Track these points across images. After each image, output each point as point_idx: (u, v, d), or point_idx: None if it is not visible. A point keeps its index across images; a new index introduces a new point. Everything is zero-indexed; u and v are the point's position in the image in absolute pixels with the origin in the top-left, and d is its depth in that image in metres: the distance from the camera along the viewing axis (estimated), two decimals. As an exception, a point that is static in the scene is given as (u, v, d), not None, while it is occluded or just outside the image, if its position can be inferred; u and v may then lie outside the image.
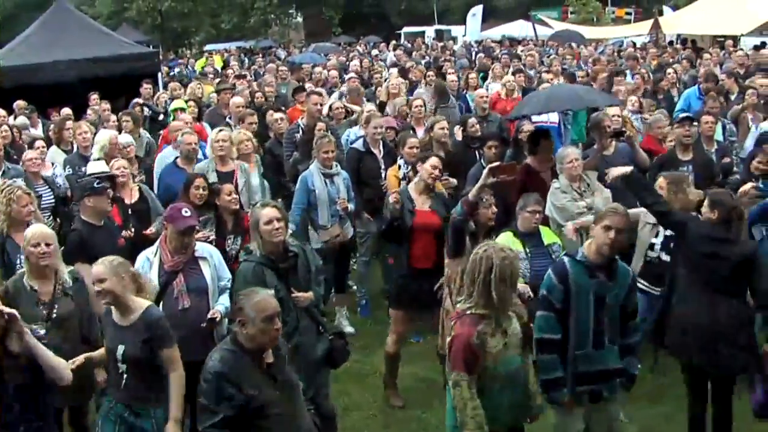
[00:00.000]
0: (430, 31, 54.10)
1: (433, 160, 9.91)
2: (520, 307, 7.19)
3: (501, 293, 6.47)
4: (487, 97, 15.35)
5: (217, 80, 23.39)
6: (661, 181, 9.64)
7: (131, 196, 11.05)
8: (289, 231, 9.23)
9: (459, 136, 13.66)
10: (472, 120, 13.66)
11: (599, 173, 11.00)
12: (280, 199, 12.08)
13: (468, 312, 6.57)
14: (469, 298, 6.60)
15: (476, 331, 6.47)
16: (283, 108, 15.96)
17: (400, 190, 10.14)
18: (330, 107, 15.02)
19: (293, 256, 8.10)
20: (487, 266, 6.46)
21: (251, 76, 24.43)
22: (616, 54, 28.45)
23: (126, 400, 7.14)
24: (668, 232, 9.44)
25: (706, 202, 8.46)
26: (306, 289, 8.11)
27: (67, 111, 16.65)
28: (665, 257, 9.64)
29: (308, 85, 19.30)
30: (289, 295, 7.88)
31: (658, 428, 9.26)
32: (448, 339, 6.72)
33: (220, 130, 12.15)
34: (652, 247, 9.82)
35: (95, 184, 9.57)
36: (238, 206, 10.32)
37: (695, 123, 12.38)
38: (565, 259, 7.37)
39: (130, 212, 10.80)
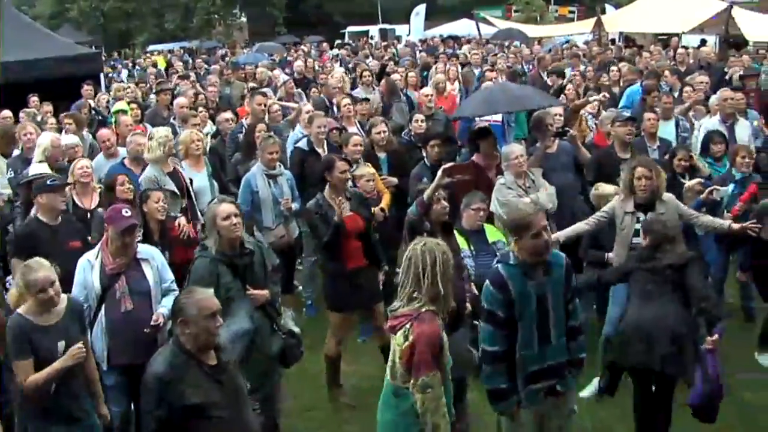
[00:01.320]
0: (374, 31, 54.11)
1: (340, 165, 9.96)
2: None
3: (446, 286, 6.40)
4: (431, 96, 15.35)
5: (158, 81, 23.27)
6: (641, 170, 9.66)
7: (92, 200, 10.87)
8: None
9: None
10: (418, 116, 13.70)
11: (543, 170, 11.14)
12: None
13: (423, 310, 6.41)
14: (417, 295, 6.43)
15: (438, 325, 6.38)
16: (229, 108, 15.91)
17: (313, 200, 10.10)
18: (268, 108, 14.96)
19: (249, 254, 8.11)
20: (432, 260, 6.38)
21: (194, 77, 24.30)
22: (561, 52, 28.57)
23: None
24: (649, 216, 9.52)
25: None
26: (262, 286, 8.12)
27: (6, 113, 16.42)
28: None
29: (251, 86, 19.26)
30: (245, 293, 7.87)
31: (611, 425, 9.33)
32: (404, 345, 6.42)
33: (192, 132, 12.25)
34: (636, 233, 9.84)
35: (49, 182, 9.50)
36: (164, 216, 10.09)
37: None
38: (499, 265, 7.19)
39: (89, 217, 10.58)
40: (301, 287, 13.01)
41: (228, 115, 14.74)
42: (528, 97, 12.70)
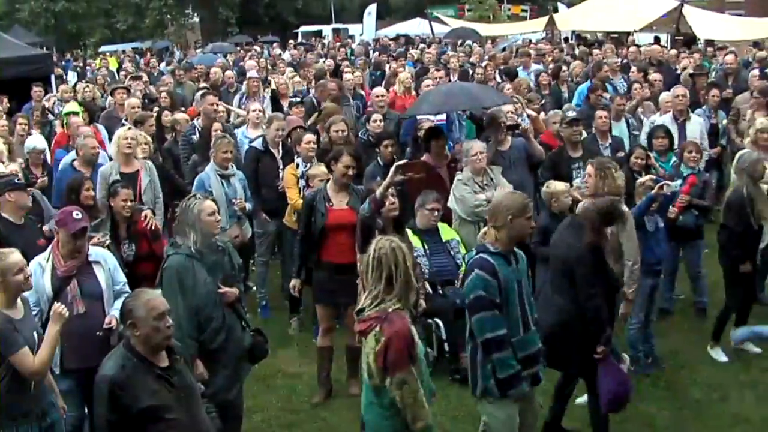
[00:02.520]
0: (327, 30, 54.12)
1: (346, 159, 9.83)
2: None
3: (410, 282, 6.37)
4: (383, 96, 15.37)
5: (112, 81, 23.13)
6: (589, 169, 9.75)
7: None
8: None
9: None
10: (376, 116, 13.69)
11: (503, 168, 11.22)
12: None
13: (389, 311, 6.34)
14: (385, 293, 6.37)
15: (409, 323, 6.36)
16: (182, 108, 15.89)
17: (316, 190, 10.09)
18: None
19: (221, 250, 8.09)
20: (402, 257, 6.36)
21: (146, 77, 24.15)
22: (515, 51, 28.68)
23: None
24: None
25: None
26: (232, 284, 8.08)
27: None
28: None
29: (203, 86, 19.18)
30: (218, 290, 7.83)
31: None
32: (378, 346, 6.31)
33: (129, 129, 12.10)
34: None
35: (15, 180, 9.52)
36: (131, 213, 10.09)
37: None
38: (484, 254, 7.23)
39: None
40: (254, 288, 12.94)
41: (182, 115, 14.74)
42: (485, 95, 12.70)
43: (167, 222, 11.56)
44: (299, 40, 47.72)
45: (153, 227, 10.24)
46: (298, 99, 16.63)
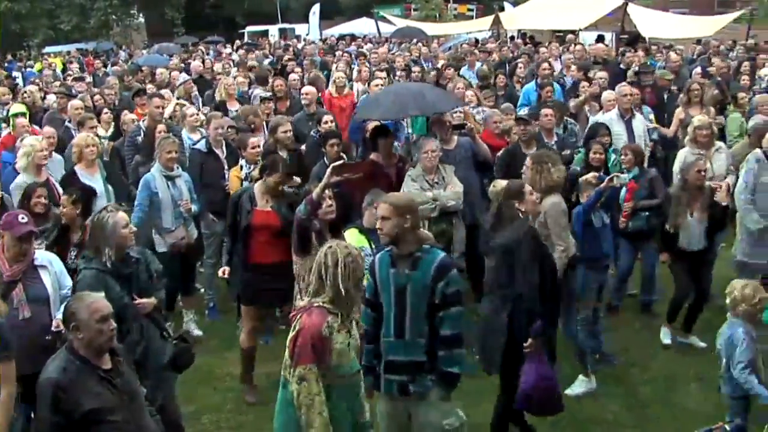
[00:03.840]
0: (274, 30, 53.97)
1: (277, 177, 9.93)
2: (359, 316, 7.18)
3: (347, 288, 6.44)
4: (310, 95, 15.25)
5: (56, 83, 22.90)
6: (527, 162, 9.83)
7: None
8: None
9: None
10: (327, 117, 13.63)
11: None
12: (123, 203, 11.90)
13: (316, 305, 6.49)
14: (318, 293, 6.53)
15: (326, 322, 6.43)
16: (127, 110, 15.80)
17: (241, 189, 10.07)
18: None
19: (135, 262, 8.03)
20: (333, 261, 6.44)
21: (90, 78, 23.99)
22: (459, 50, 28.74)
23: None
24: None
25: None
26: (149, 294, 8.03)
27: None
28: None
29: (150, 87, 19.07)
30: (133, 302, 7.79)
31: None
32: (292, 334, 6.56)
33: (88, 135, 12.08)
34: None
35: None
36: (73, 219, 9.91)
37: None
38: (379, 252, 7.40)
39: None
40: (202, 289, 12.90)
41: (131, 116, 14.75)
42: (434, 99, 12.69)
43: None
44: (246, 40, 47.56)
45: None
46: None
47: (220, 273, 10.56)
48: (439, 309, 7.05)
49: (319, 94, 16.26)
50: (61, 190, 11.06)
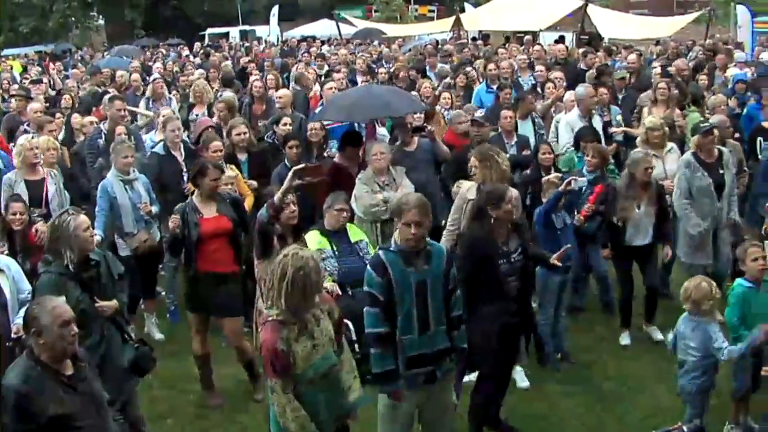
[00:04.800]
0: (234, 32, 53.84)
1: (212, 173, 9.86)
2: (331, 303, 7.09)
3: (292, 302, 6.42)
4: (283, 97, 15.26)
5: (15, 86, 22.73)
6: (472, 161, 9.85)
7: None
8: (97, 239, 9.13)
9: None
10: (286, 119, 13.62)
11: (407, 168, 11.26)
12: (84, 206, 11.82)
13: (270, 318, 6.50)
14: (272, 305, 6.53)
15: (279, 337, 6.42)
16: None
17: (182, 205, 9.98)
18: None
19: (95, 265, 7.95)
20: (282, 274, 6.41)
21: (48, 80, 23.81)
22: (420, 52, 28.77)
23: None
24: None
25: None
26: (110, 297, 7.95)
27: None
28: None
29: (110, 89, 18.96)
30: (93, 305, 7.71)
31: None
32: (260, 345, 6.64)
33: (32, 138, 11.90)
34: None
35: None
36: (22, 226, 9.96)
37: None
38: (380, 251, 7.35)
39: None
40: (164, 292, 12.82)
41: (89, 118, 14.63)
42: (397, 102, 12.66)
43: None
44: (206, 42, 47.41)
45: (43, 242, 10.08)
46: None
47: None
48: (452, 293, 7.40)
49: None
50: (51, 192, 11.17)
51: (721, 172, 11.24)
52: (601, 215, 11.23)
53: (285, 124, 13.37)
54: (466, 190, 10.15)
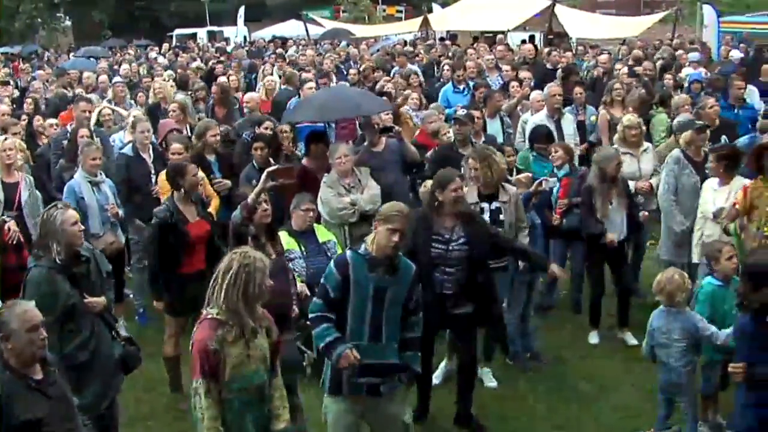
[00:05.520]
0: (202, 33, 53.64)
1: (193, 169, 9.87)
2: (270, 324, 6.85)
3: (232, 301, 6.33)
4: (250, 101, 15.29)
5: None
6: (471, 162, 9.85)
7: None
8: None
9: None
10: (268, 123, 13.57)
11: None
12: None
13: (209, 316, 6.40)
14: (211, 302, 6.44)
15: (215, 335, 6.31)
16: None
17: (161, 214, 9.90)
18: (99, 113, 14.59)
19: (86, 261, 7.92)
20: (227, 268, 6.36)
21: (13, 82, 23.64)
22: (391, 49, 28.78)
23: None
24: (493, 206, 9.80)
25: None
26: (99, 294, 7.92)
27: None
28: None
29: (78, 91, 18.86)
30: (83, 301, 7.68)
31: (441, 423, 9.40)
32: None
33: (6, 139, 11.74)
34: None
35: None
36: None
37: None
38: (349, 252, 7.39)
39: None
40: (132, 295, 12.74)
41: (52, 120, 14.57)
42: (364, 102, 12.63)
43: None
44: (174, 43, 47.24)
45: (15, 240, 9.99)
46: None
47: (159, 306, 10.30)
48: (413, 313, 7.42)
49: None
50: (25, 196, 11.09)
51: (707, 171, 11.29)
52: (578, 207, 11.28)
53: (267, 128, 13.35)
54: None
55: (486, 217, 9.70)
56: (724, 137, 12.67)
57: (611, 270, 11.28)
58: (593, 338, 11.25)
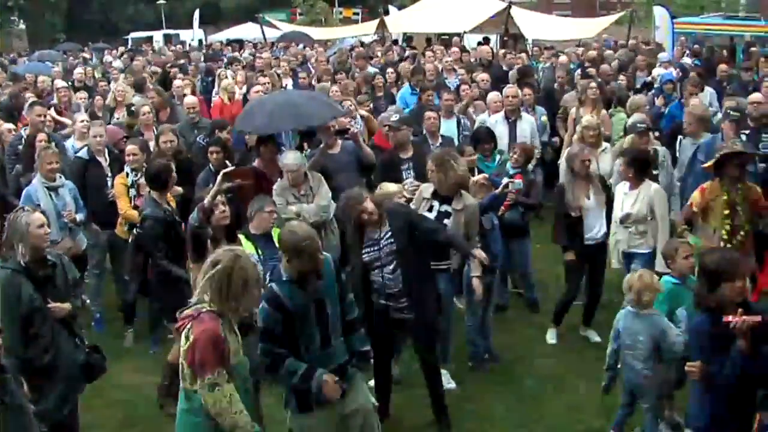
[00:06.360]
0: (158, 36, 53.44)
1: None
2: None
3: (234, 293, 6.28)
4: (195, 108, 15.27)
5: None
6: (429, 164, 9.87)
7: None
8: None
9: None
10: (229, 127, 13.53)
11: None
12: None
13: (203, 310, 6.30)
14: (204, 299, 6.35)
15: (220, 323, 6.25)
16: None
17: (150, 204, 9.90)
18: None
19: (52, 265, 7.87)
20: (214, 265, 6.29)
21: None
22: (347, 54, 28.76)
23: None
24: (443, 209, 9.81)
25: None
26: (64, 299, 7.85)
27: None
28: None
29: (28, 95, 18.68)
30: (46, 306, 7.63)
31: (409, 411, 9.55)
32: (186, 345, 6.30)
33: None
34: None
35: None
36: None
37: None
38: (272, 285, 7.18)
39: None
40: (88, 301, 12.63)
41: (8, 125, 14.47)
42: (317, 110, 12.54)
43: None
44: (129, 46, 47.01)
45: None
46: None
47: None
48: (344, 297, 7.41)
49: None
50: None
51: (655, 172, 11.35)
52: (522, 206, 11.35)
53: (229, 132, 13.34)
54: (422, 189, 10.22)
55: (432, 215, 9.77)
56: (680, 137, 12.79)
57: (590, 272, 11.29)
58: (551, 338, 11.30)
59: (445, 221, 9.70)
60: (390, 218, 8.74)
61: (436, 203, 9.87)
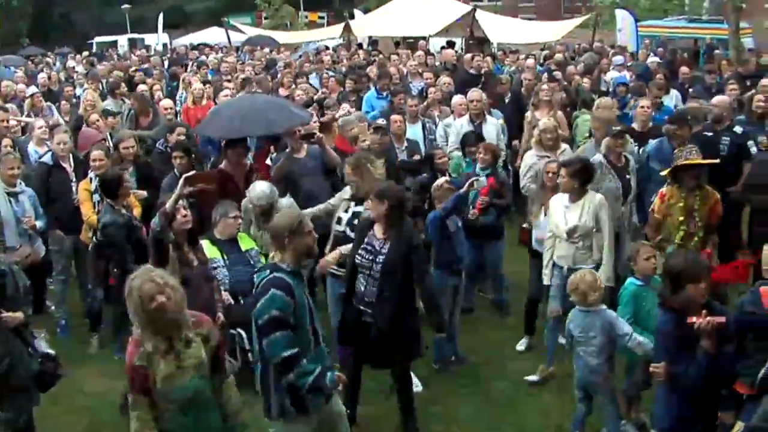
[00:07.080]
0: (123, 41, 53.20)
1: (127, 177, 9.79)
2: (210, 327, 6.65)
3: (141, 320, 6.17)
4: (171, 108, 15.37)
5: None
6: (346, 168, 9.88)
7: None
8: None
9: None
10: (180, 129, 13.55)
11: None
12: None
13: (134, 335, 6.27)
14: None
15: (138, 351, 6.16)
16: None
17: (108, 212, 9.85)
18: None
19: (2, 275, 7.75)
20: (128, 292, 6.15)
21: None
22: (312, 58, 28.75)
23: None
24: (357, 209, 9.85)
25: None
26: (15, 309, 7.74)
27: None
28: (350, 233, 9.71)
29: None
30: None
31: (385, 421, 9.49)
32: None
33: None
34: (339, 221, 10.07)
35: None
36: None
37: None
38: (278, 273, 6.95)
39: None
40: (53, 307, 12.56)
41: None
42: (278, 117, 12.46)
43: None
44: (94, 50, 46.76)
45: None
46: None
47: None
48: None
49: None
50: None
51: (628, 177, 11.37)
52: (496, 207, 11.36)
53: (180, 135, 13.25)
54: (344, 191, 10.34)
55: (347, 216, 9.91)
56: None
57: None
58: (521, 345, 11.26)
59: (355, 221, 9.73)
60: (396, 237, 8.67)
61: (352, 204, 9.97)
